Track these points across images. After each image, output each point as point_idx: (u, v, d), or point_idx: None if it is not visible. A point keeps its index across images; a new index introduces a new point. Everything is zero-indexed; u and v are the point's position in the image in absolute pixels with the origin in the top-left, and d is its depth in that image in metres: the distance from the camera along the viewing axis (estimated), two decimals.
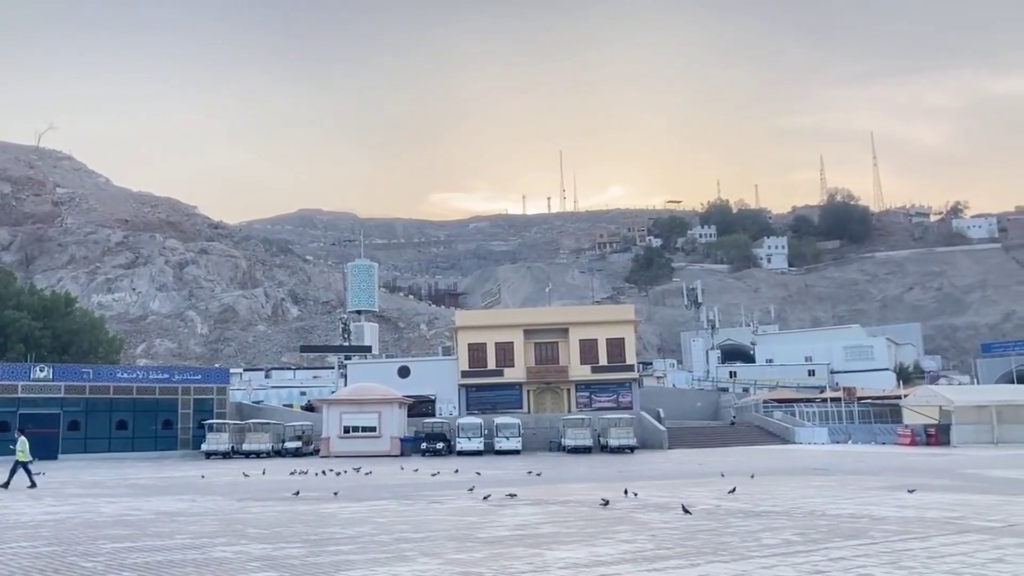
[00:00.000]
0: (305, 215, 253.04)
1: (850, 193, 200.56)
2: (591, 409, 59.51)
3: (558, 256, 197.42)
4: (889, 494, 20.24)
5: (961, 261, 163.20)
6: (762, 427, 60.40)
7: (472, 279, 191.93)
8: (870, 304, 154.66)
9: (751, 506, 17.79)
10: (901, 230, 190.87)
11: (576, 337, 62.94)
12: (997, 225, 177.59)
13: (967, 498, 19.14)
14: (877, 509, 16.95)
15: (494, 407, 60.23)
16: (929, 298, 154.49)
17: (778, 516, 15.92)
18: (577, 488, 24.06)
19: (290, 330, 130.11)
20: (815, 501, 18.78)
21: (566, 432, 50.50)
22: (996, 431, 46.54)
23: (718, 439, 56.50)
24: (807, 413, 60.95)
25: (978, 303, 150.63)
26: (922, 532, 13.46)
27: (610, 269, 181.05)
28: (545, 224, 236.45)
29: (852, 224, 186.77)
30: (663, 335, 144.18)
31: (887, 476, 26.38)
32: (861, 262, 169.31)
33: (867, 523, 14.73)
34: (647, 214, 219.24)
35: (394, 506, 19.35)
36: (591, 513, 16.97)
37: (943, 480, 24.65)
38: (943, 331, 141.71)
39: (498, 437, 49.98)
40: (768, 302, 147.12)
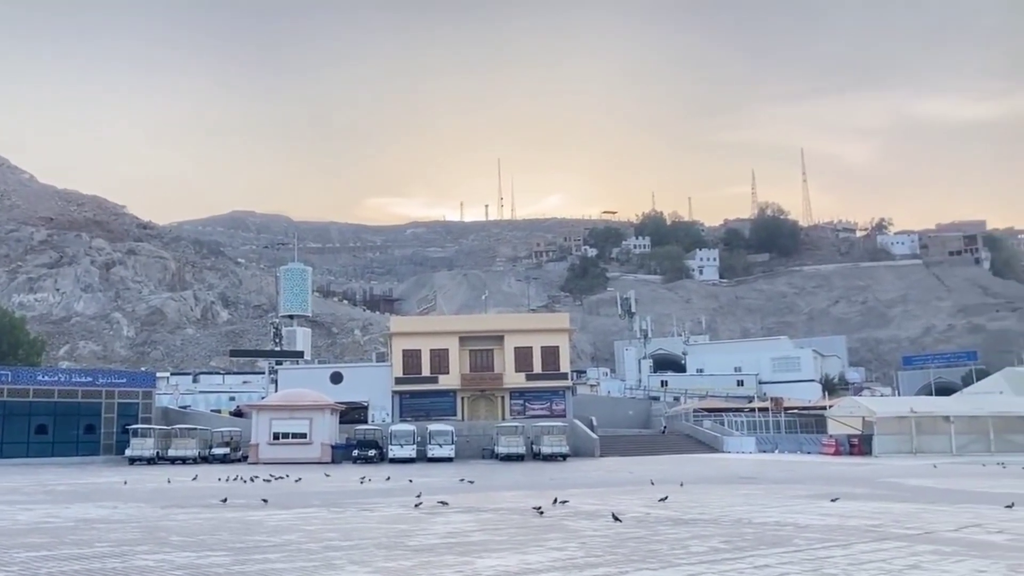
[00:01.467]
0: (237, 217, 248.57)
1: (780, 208, 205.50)
2: (525, 417, 59.64)
3: (495, 264, 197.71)
4: (813, 503, 20.71)
5: (885, 276, 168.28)
6: (692, 436, 61.30)
7: (408, 285, 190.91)
8: (798, 316, 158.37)
9: (680, 514, 18.01)
10: (828, 245, 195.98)
11: (511, 345, 63.05)
12: (919, 242, 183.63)
13: (887, 506, 19.69)
14: (801, 517, 17.32)
15: (428, 414, 59.94)
16: (854, 311, 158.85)
17: (706, 524, 16.15)
18: (509, 496, 24.06)
19: (220, 334, 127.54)
20: (742, 509, 19.11)
21: (499, 440, 50.51)
22: (915, 441, 48.05)
23: (649, 447, 57.14)
24: (736, 422, 62.06)
25: (900, 317, 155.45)
26: (844, 540, 13.80)
27: (546, 278, 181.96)
28: (482, 231, 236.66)
29: (781, 238, 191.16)
30: (597, 344, 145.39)
31: (812, 485, 26.98)
32: (789, 275, 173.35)
33: (791, 531, 15.03)
34: (583, 224, 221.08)
35: (323, 514, 19.08)
36: (522, 521, 16.98)
37: (864, 489, 25.32)
38: (867, 344, 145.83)
39: (431, 444, 49.72)
40: (699, 313, 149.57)
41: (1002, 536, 14.31)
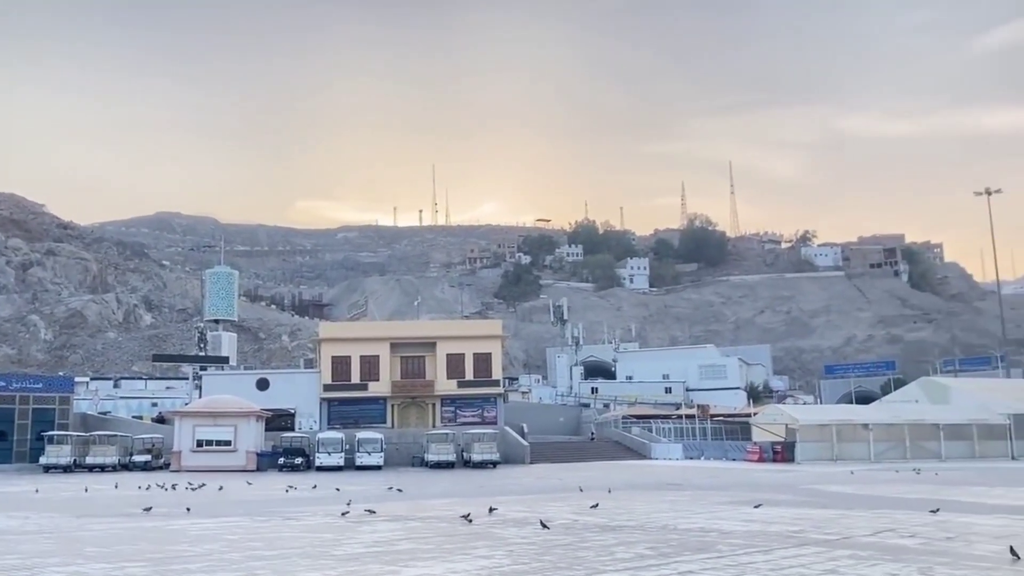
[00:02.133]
0: (163, 218, 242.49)
1: (708, 219, 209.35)
2: (456, 424, 59.47)
3: (428, 270, 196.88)
4: (737, 509, 21.09)
5: (808, 287, 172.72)
6: (621, 442, 61.89)
7: (338, 290, 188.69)
8: (724, 325, 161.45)
9: (607, 520, 18.15)
10: (754, 256, 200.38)
11: (443, 351, 62.81)
12: (841, 254, 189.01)
13: (807, 512, 20.17)
14: (725, 523, 17.61)
15: (357, 422, 59.29)
16: (778, 321, 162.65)
17: (633, 530, 16.31)
18: (438, 504, 23.94)
19: (142, 338, 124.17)
20: (668, 515, 19.36)
21: (429, 447, 50.28)
22: (836, 448, 49.36)
23: (579, 454, 57.49)
24: (663, 429, 62.89)
25: (823, 327, 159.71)
26: (765, 545, 14.08)
27: (480, 284, 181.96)
28: (416, 237, 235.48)
29: (709, 248, 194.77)
30: (529, 351, 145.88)
31: (736, 491, 27.48)
32: (717, 285, 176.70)
33: (716, 537, 15.28)
34: (517, 231, 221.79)
35: (247, 523, 18.70)
36: (450, 529, 16.91)
37: (786, 495, 25.89)
38: (790, 353, 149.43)
39: (359, 452, 49.22)
40: (630, 321, 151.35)
41: (915, 540, 14.79)
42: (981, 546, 14.04)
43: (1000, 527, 16.79)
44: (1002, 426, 51.03)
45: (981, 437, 50.78)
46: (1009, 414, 51.18)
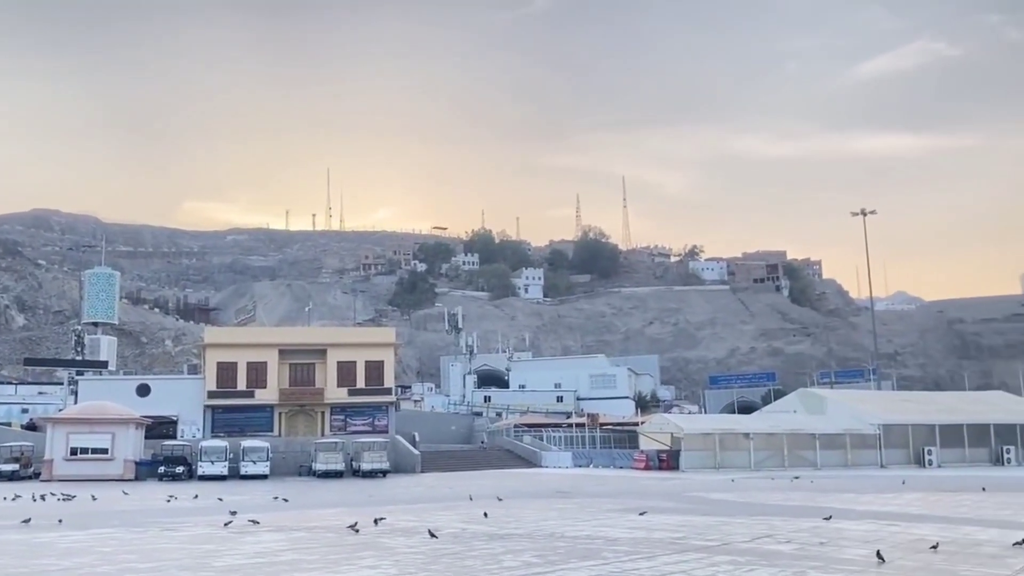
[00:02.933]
0: (40, 215, 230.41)
1: (602, 231, 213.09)
2: (346, 433, 58.54)
3: (320, 275, 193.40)
4: (623, 516, 21.48)
5: (695, 300, 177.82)
6: (512, 451, 62.18)
7: (226, 294, 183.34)
8: (615, 336, 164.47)
9: (496, 529, 18.20)
10: (645, 268, 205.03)
11: (334, 359, 61.78)
12: (727, 269, 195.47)
13: (690, 519, 20.72)
14: (611, 531, 17.91)
15: (242, 430, 57.62)
16: (666, 332, 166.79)
17: (520, 539, 16.39)
18: (324, 513, 23.51)
19: (14, 340, 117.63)
20: (556, 523, 19.54)
21: (318, 456, 49.42)
22: (718, 457, 50.89)
23: (470, 463, 57.47)
24: (554, 438, 63.50)
25: (708, 339, 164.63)
26: (649, 552, 14.38)
27: (374, 291, 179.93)
28: (308, 241, 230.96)
29: (602, 260, 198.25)
30: (423, 359, 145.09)
31: (622, 499, 28.00)
32: (609, 296, 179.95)
33: (601, 544, 15.52)
34: (413, 238, 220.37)
35: (122, 534, 17.92)
36: (337, 539, 16.62)
37: (671, 503, 26.53)
38: (677, 363, 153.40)
39: (244, 461, 47.95)
40: (524, 330, 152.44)
41: (790, 546, 15.37)
42: (851, 550, 14.71)
43: (868, 532, 17.63)
44: (873, 436, 53.63)
45: (854, 446, 53.23)
46: (879, 424, 53.84)
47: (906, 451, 54.03)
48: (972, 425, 55.62)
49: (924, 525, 19.37)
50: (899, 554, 14.15)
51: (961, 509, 24.20)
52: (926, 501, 27.14)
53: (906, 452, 53.97)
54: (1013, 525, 19.71)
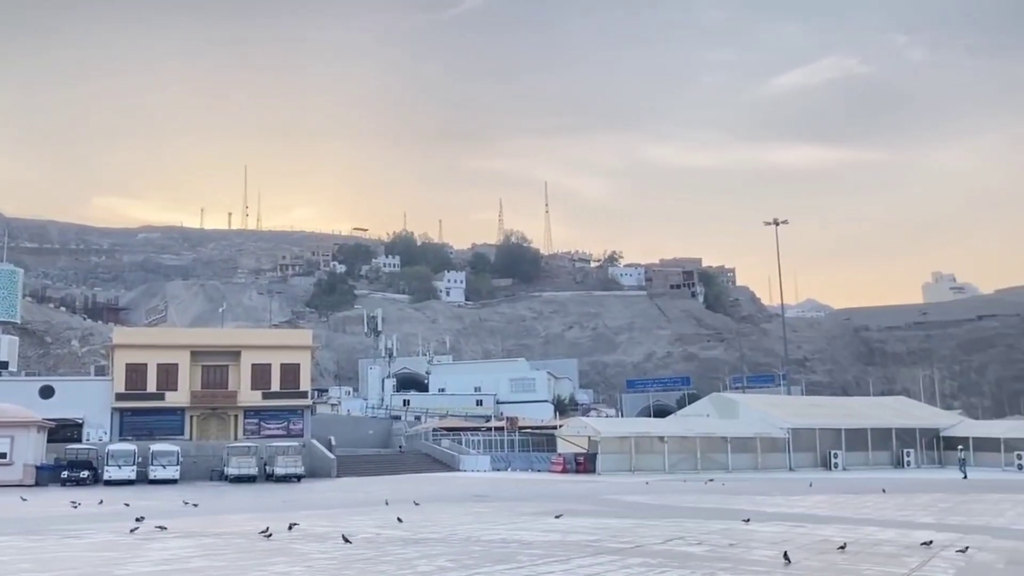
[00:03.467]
0: None
1: (524, 236, 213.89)
2: (260, 436, 57.39)
3: (236, 275, 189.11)
4: (539, 519, 21.59)
5: (614, 305, 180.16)
6: (430, 455, 61.93)
7: (137, 294, 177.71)
8: (535, 340, 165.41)
9: (411, 533, 18.08)
10: (565, 273, 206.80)
11: (249, 361, 60.48)
12: (645, 275, 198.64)
13: (605, 522, 20.94)
14: (527, 534, 17.98)
15: (152, 433, 55.94)
16: (586, 337, 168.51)
17: (436, 543, 16.31)
18: (236, 519, 22.99)
19: None
20: (472, 527, 19.52)
21: (230, 460, 48.40)
22: (634, 460, 51.63)
23: (388, 467, 57.01)
24: (473, 441, 63.48)
25: (626, 343, 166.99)
26: (564, 555, 14.48)
27: (291, 292, 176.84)
28: (224, 240, 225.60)
29: (524, 264, 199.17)
30: (341, 362, 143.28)
31: (539, 502, 28.14)
32: (530, 300, 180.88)
33: (516, 548, 15.56)
34: (333, 239, 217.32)
35: (18, 542, 17.17)
36: (247, 545, 16.27)
37: (587, 506, 26.79)
38: (596, 367, 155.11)
39: (153, 465, 46.61)
40: (445, 333, 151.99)
41: (701, 547, 15.68)
42: (759, 552, 15.09)
43: (776, 533, 18.12)
44: (782, 439, 55.17)
45: (764, 450, 54.67)
46: (788, 428, 55.42)
47: (813, 454, 55.75)
48: (875, 429, 57.74)
49: (829, 526, 20.02)
50: (804, 555, 14.57)
51: (864, 510, 25.09)
52: (831, 503, 28.05)
53: (813, 455, 55.67)
54: (911, 525, 20.54)
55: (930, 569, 13.38)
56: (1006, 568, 13.78)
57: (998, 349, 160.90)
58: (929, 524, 20.76)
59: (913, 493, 32.22)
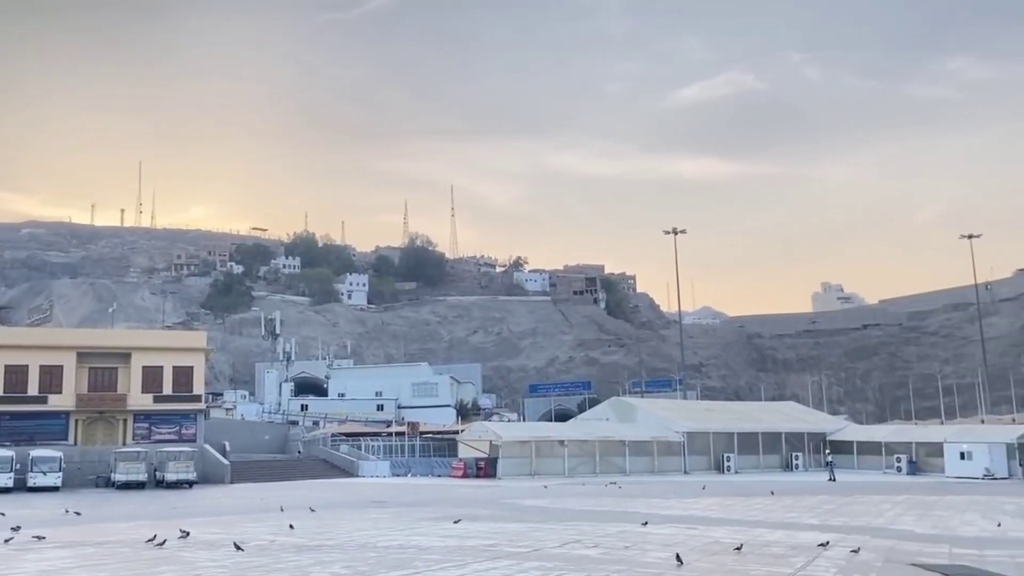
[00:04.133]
0: None
1: (429, 239, 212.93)
2: (150, 442, 55.28)
3: (128, 274, 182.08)
4: (437, 525, 21.47)
5: (518, 310, 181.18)
6: (328, 460, 60.91)
7: (19, 292, 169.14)
8: (439, 344, 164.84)
9: (306, 540, 17.72)
10: (471, 278, 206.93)
11: (139, 363, 58.22)
12: (549, 280, 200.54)
13: (503, 526, 20.98)
14: (424, 540, 17.85)
15: (32, 438, 53.20)
16: (490, 341, 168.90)
17: (331, 550, 16.03)
18: (122, 527, 22.09)
19: None
20: (369, 533, 19.27)
21: (117, 466, 46.54)
22: (534, 464, 51.98)
23: (284, 473, 55.81)
24: (373, 447, 62.75)
25: (529, 348, 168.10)
26: (461, 560, 14.43)
27: (186, 293, 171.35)
28: (116, 238, 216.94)
29: (429, 268, 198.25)
30: (237, 365, 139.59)
31: (438, 507, 28.00)
32: (434, 304, 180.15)
33: (414, 553, 15.42)
34: (230, 239, 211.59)
35: None
36: (133, 554, 15.64)
37: (486, 510, 26.79)
38: (499, 372, 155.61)
39: (33, 472, 44.44)
40: (346, 337, 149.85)
41: (597, 550, 15.87)
42: (653, 554, 15.37)
43: (670, 535, 18.50)
44: (678, 443, 56.47)
45: (660, 453, 55.86)
46: (684, 432, 56.78)
47: (708, 457, 57.26)
48: (766, 433, 59.71)
49: (720, 528, 20.56)
50: (696, 557, 14.92)
51: (754, 512, 25.89)
52: (723, 505, 28.83)
53: (708, 458, 57.19)
54: (797, 526, 21.30)
55: (814, 568, 13.89)
56: (884, 566, 14.41)
57: (881, 357, 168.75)
58: (815, 525, 21.57)
59: (801, 495, 33.42)
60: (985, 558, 15.66)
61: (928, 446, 53.41)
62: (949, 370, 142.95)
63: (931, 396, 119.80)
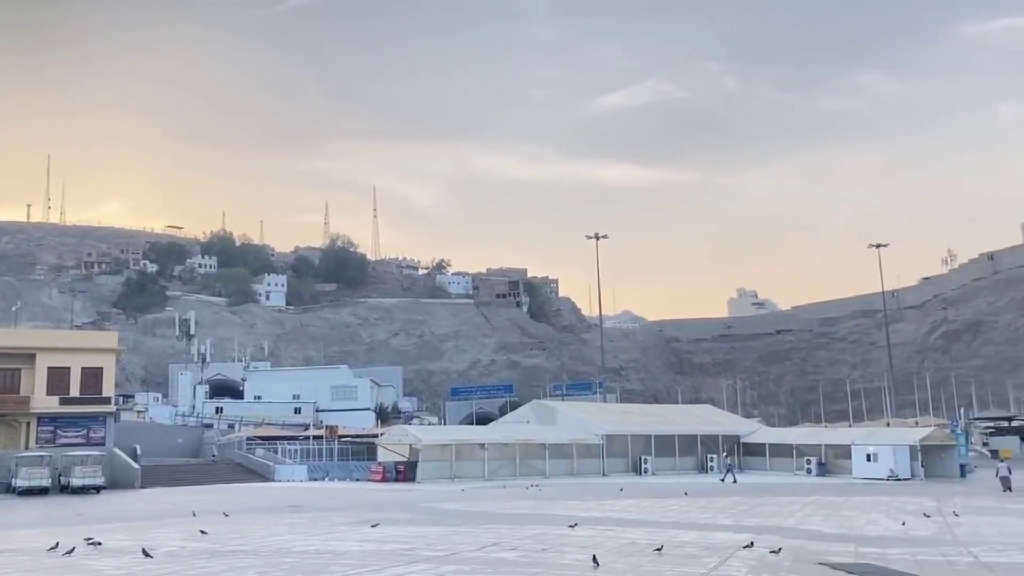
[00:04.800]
0: None
1: (350, 240, 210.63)
2: (55, 445, 53.17)
3: (34, 272, 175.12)
4: (355, 529, 21.24)
5: (440, 312, 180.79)
6: (244, 465, 59.66)
7: None
8: (359, 346, 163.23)
9: (219, 546, 17.31)
10: (393, 280, 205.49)
11: (45, 364, 55.95)
12: (472, 283, 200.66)
13: (422, 530, 20.87)
14: (341, 544, 17.63)
15: None
16: (411, 344, 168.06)
17: (245, 555, 15.70)
18: (22, 535, 21.21)
19: None
20: (284, 539, 18.93)
21: (19, 471, 44.62)
22: (454, 467, 51.83)
23: (197, 477, 54.43)
24: (289, 451, 61.74)
25: (451, 351, 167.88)
26: (378, 565, 14.29)
27: (97, 292, 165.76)
28: (21, 234, 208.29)
29: (350, 269, 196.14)
30: (149, 367, 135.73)
31: (356, 512, 27.69)
32: (355, 306, 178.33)
33: (329, 558, 15.21)
34: (144, 236, 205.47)
35: None
36: (34, 563, 15.03)
37: (404, 514, 26.60)
38: (421, 375, 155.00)
39: None
40: (263, 339, 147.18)
41: (515, 553, 15.91)
42: (570, 556, 15.49)
43: (587, 537, 18.67)
44: (597, 445, 57.04)
45: (579, 455, 56.32)
46: (603, 434, 57.38)
47: (626, 459, 57.99)
48: (683, 436, 60.79)
49: (637, 529, 20.84)
50: (613, 558, 15.09)
51: (669, 513, 26.34)
52: (640, 507, 29.25)
53: (626, 460, 57.92)
54: (711, 527, 21.74)
55: (727, 568, 14.19)
56: (792, 565, 14.82)
57: (793, 361, 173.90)
58: (728, 526, 22.06)
59: (714, 496, 34.13)
60: (888, 556, 16.26)
61: (836, 448, 55.09)
62: (857, 375, 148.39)
63: (840, 400, 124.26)
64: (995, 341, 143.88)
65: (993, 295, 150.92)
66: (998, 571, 14.63)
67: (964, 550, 17.39)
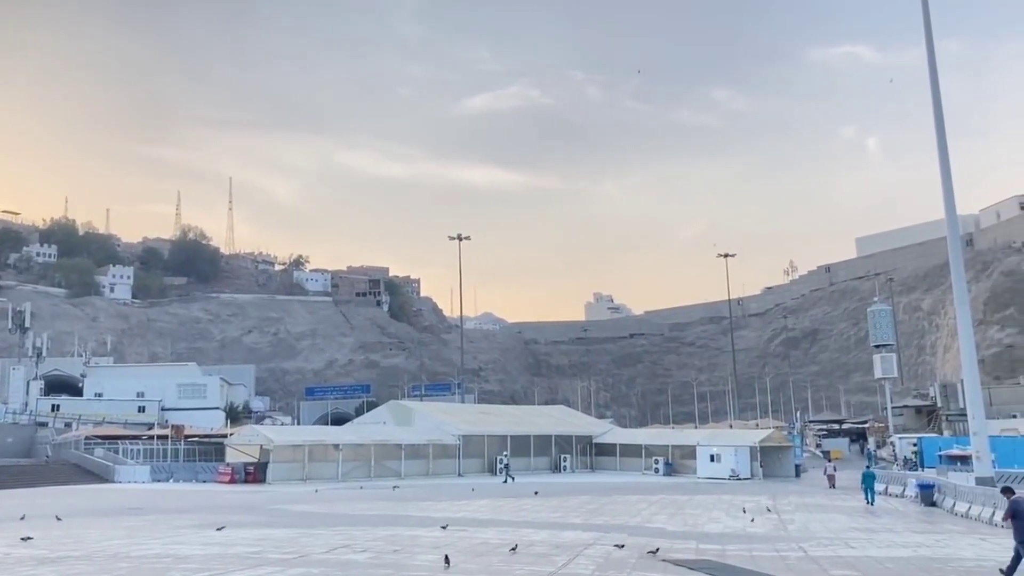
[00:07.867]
0: None
1: (203, 233, 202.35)
2: None
3: None
4: (199, 532, 20.48)
5: (297, 310, 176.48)
6: (81, 465, 56.52)
7: None
8: (210, 343, 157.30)
9: (48, 552, 16.32)
10: (247, 275, 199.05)
11: None
12: (331, 281, 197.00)
13: (270, 532, 20.35)
14: (184, 548, 16.97)
15: None
16: (266, 342, 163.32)
17: (77, 561, 14.87)
18: None
19: None
20: (122, 543, 18.05)
21: None
22: (307, 468, 50.79)
23: (29, 479, 51.17)
24: (131, 451, 58.97)
25: (308, 350, 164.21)
26: (221, 568, 13.84)
27: None
28: None
29: (201, 263, 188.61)
30: None
31: (201, 514, 26.70)
32: (206, 301, 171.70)
33: (171, 563, 14.62)
34: None
35: None
36: None
37: (252, 516, 25.85)
38: (275, 374, 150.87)
39: None
40: (106, 333, 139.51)
41: (365, 555, 15.76)
42: (422, 556, 15.48)
43: (440, 538, 18.71)
44: (454, 446, 57.23)
45: (436, 456, 56.35)
46: (460, 435, 57.63)
47: (482, 460, 58.45)
48: (538, 436, 61.83)
49: (489, 529, 21.05)
50: (464, 558, 15.18)
51: (522, 513, 26.73)
52: (493, 507, 29.54)
53: (482, 461, 58.37)
54: (562, 526, 22.22)
55: (575, 566, 14.54)
56: (638, 562, 15.34)
57: (644, 364, 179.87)
58: (578, 524, 22.61)
59: (566, 496, 34.88)
60: (726, 552, 17.09)
61: (683, 449, 57.38)
62: (704, 378, 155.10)
63: (688, 402, 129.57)
64: (830, 348, 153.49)
65: (829, 305, 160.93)
66: (824, 564, 15.64)
67: (795, 545, 18.50)
